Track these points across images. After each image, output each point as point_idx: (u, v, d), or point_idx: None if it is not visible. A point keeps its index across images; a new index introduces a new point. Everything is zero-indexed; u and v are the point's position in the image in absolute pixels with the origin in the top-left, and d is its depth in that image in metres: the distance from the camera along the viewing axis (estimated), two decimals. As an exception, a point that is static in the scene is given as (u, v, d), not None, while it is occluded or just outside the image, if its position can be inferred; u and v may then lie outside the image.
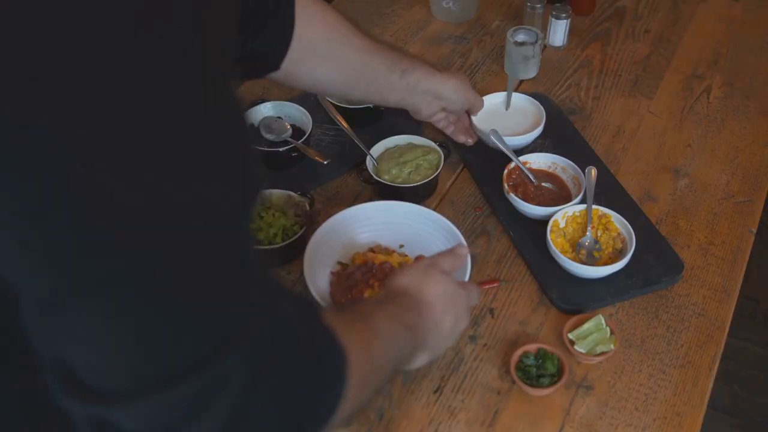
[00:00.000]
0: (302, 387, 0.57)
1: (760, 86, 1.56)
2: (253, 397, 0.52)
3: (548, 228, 1.18)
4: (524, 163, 1.30)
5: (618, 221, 1.20)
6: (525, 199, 1.24)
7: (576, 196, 1.24)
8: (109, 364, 0.50)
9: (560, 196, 1.28)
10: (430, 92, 1.23)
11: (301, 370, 0.57)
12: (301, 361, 0.57)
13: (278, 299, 0.58)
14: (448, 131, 1.37)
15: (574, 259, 1.15)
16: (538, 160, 1.32)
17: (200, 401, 0.50)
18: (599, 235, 1.20)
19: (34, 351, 0.52)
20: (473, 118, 1.37)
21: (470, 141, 1.37)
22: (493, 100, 1.43)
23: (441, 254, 0.97)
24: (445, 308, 0.89)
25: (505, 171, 1.28)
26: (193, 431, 0.51)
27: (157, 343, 0.50)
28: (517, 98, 1.44)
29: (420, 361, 0.88)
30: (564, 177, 1.30)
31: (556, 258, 1.16)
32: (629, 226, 1.18)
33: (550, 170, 1.31)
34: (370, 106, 1.41)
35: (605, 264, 1.16)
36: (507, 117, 1.42)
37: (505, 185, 1.26)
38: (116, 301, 0.48)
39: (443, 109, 1.30)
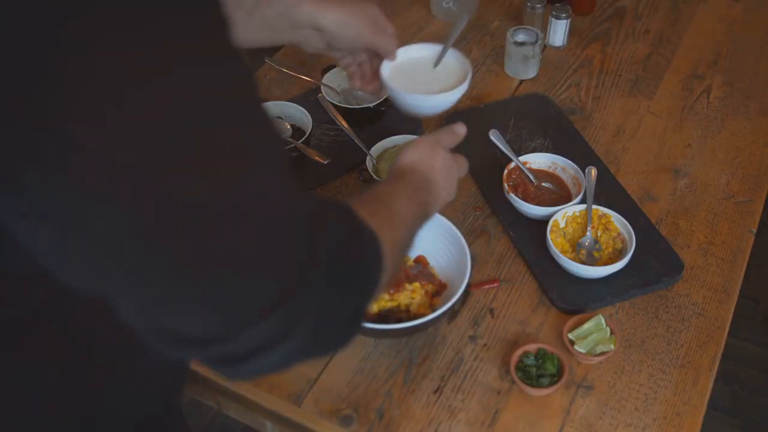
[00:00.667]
0: (357, 278, 0.67)
1: (760, 86, 1.56)
2: (328, 303, 0.61)
3: (548, 228, 1.18)
4: (524, 163, 1.30)
5: (618, 221, 1.20)
6: (525, 199, 1.24)
7: (576, 196, 1.24)
8: (207, 322, 0.56)
9: (560, 196, 1.28)
10: (303, 24, 1.04)
11: (354, 265, 0.66)
12: (353, 258, 0.66)
13: (322, 213, 0.64)
14: (356, 84, 1.18)
15: (574, 259, 1.15)
16: (538, 160, 1.32)
17: (292, 321, 0.58)
18: (599, 235, 1.20)
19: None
20: (384, 66, 1.13)
21: (369, 89, 1.17)
22: (420, 52, 1.18)
23: (442, 131, 1.03)
24: (444, 183, 0.98)
25: (505, 171, 1.28)
26: (291, 341, 0.59)
27: (245, 292, 0.55)
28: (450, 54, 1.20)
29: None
30: (564, 177, 1.30)
31: (556, 258, 1.16)
32: (629, 226, 1.18)
33: (550, 170, 1.31)
34: (370, 105, 1.41)
35: (605, 264, 1.16)
36: (430, 75, 1.18)
37: (505, 185, 1.26)
38: (200, 282, 0.53)
39: (331, 46, 1.09)
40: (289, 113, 1.41)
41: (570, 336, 1.08)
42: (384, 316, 1.09)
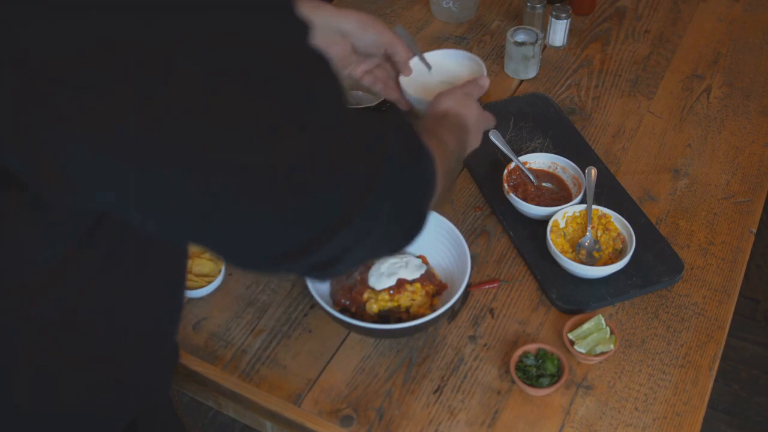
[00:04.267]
0: (419, 183, 0.71)
1: (760, 86, 1.56)
2: (400, 201, 0.67)
3: (548, 228, 1.18)
4: (524, 163, 1.30)
5: (618, 221, 1.20)
6: (525, 199, 1.24)
7: (576, 196, 1.24)
8: (297, 230, 0.60)
9: (560, 196, 1.28)
10: (328, 28, 1.06)
11: (415, 172, 0.71)
12: (414, 166, 0.71)
13: (386, 126, 0.68)
14: (376, 88, 1.19)
15: (574, 259, 1.15)
16: (538, 160, 1.32)
17: (372, 221, 0.63)
18: (599, 235, 1.20)
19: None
20: (402, 80, 1.16)
21: (394, 97, 1.19)
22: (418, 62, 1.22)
23: (469, 84, 1.08)
24: (475, 130, 1.04)
25: (505, 171, 1.28)
26: (372, 237, 0.64)
27: (328, 200, 0.60)
28: (450, 55, 1.25)
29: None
30: (564, 177, 1.30)
31: (556, 258, 1.16)
32: (629, 226, 1.18)
33: (550, 170, 1.31)
34: (371, 105, 1.41)
35: (605, 264, 1.16)
36: (436, 77, 1.22)
37: (505, 185, 1.26)
38: (272, 196, 0.57)
39: (356, 53, 1.11)
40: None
41: (570, 336, 1.08)
42: (384, 317, 1.09)
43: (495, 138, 1.32)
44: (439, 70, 1.22)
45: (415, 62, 1.18)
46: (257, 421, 1.12)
